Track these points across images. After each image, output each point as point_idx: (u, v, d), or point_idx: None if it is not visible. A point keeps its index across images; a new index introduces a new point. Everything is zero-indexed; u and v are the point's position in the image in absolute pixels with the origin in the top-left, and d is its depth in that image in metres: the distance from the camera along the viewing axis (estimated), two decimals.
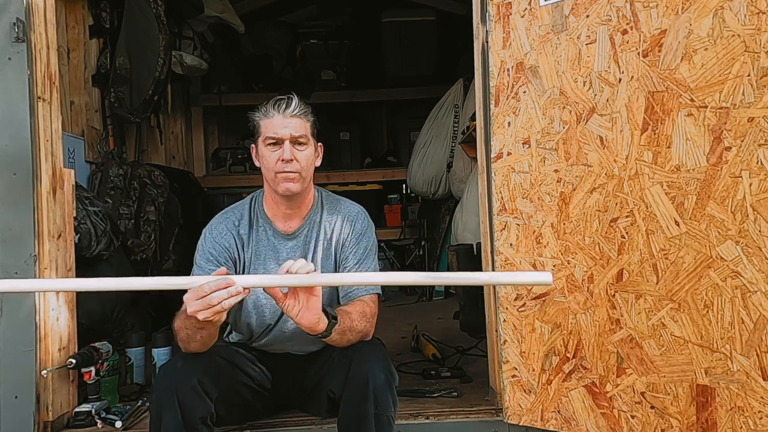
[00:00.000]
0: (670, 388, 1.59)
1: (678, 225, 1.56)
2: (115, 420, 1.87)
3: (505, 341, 1.84)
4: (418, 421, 1.85)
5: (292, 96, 1.65)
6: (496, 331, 1.88)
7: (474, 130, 2.40)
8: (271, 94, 1.77)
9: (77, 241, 2.16)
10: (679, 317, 1.57)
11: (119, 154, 3.34)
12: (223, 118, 5.18)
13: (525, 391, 1.81)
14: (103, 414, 1.91)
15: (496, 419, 1.86)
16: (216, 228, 1.71)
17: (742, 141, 1.47)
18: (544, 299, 1.77)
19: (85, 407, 1.92)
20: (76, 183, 2.13)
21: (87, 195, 2.44)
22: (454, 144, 4.13)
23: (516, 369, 1.82)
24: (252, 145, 1.72)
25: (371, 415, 1.46)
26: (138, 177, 3.12)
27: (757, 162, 1.45)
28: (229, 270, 1.67)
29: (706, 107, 1.51)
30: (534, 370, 1.79)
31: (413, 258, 4.78)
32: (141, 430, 1.87)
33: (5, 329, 1.84)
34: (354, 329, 1.55)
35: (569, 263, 1.73)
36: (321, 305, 1.42)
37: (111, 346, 2.07)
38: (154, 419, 1.48)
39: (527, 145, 1.79)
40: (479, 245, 2.10)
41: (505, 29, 1.82)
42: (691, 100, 1.53)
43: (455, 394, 2.04)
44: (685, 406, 1.57)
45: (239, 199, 1.82)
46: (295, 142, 1.63)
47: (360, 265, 1.69)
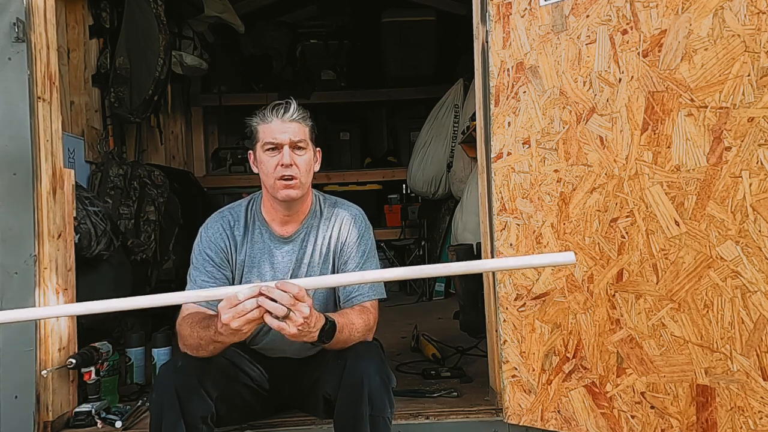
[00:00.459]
0: (670, 388, 1.59)
1: (678, 225, 1.56)
2: (115, 420, 1.87)
3: (505, 341, 1.84)
4: (418, 421, 1.85)
5: (290, 101, 1.64)
6: (496, 331, 1.88)
7: (474, 130, 2.40)
8: (271, 94, 1.77)
9: (77, 241, 2.16)
10: (679, 317, 1.57)
11: (119, 154, 3.34)
12: (223, 118, 5.17)
13: (525, 391, 1.81)
14: (103, 414, 1.91)
15: (496, 419, 1.86)
16: (211, 227, 1.70)
17: (742, 141, 1.47)
18: (544, 299, 1.77)
19: (85, 407, 1.92)
20: (76, 183, 2.13)
21: (87, 195, 2.44)
22: (454, 144, 4.13)
23: (516, 369, 1.82)
24: (250, 151, 1.71)
25: (366, 417, 1.46)
26: (138, 177, 3.12)
27: (757, 162, 1.45)
28: (225, 271, 1.67)
29: (706, 107, 1.51)
30: (534, 370, 1.79)
31: (413, 258, 4.79)
32: (141, 430, 1.87)
33: (5, 329, 1.84)
34: (351, 340, 1.55)
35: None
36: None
37: (111, 346, 2.08)
38: (154, 418, 1.48)
39: (527, 145, 1.79)
40: (479, 245, 2.10)
41: (505, 29, 1.82)
42: (691, 100, 1.53)
43: (455, 394, 2.04)
44: (685, 406, 1.57)
45: (239, 199, 1.81)
46: (295, 146, 1.62)
47: (360, 269, 1.68)
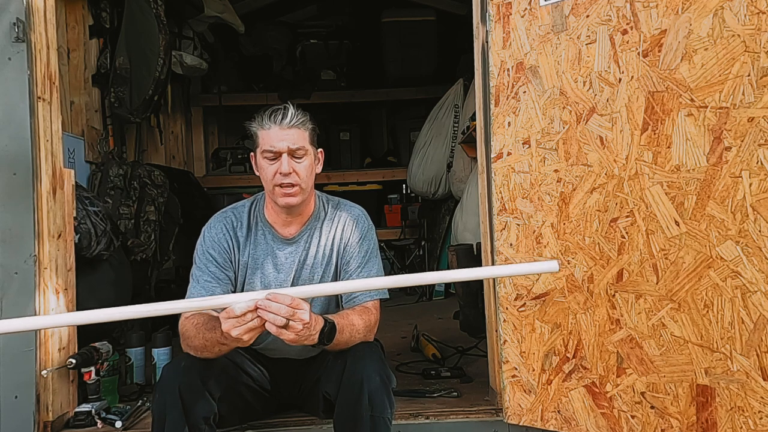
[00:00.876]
0: (670, 388, 1.59)
1: (678, 225, 1.56)
2: (115, 420, 1.87)
3: (505, 341, 1.84)
4: (418, 421, 1.85)
5: (288, 105, 1.61)
6: (496, 331, 1.88)
7: (474, 130, 2.40)
8: (271, 94, 1.76)
9: (77, 241, 2.16)
10: (679, 317, 1.57)
11: (119, 154, 3.34)
12: (223, 118, 5.18)
13: (525, 391, 1.81)
14: (103, 414, 1.91)
15: (496, 419, 1.86)
16: (215, 227, 1.70)
17: (742, 141, 1.47)
18: (544, 299, 1.77)
19: (85, 407, 1.92)
20: (76, 183, 2.13)
21: (87, 195, 2.44)
22: (454, 144, 4.13)
23: (516, 369, 1.82)
24: (251, 153, 1.71)
25: (367, 417, 1.46)
26: (138, 177, 3.12)
27: (757, 162, 1.45)
28: (228, 272, 1.67)
29: (706, 107, 1.51)
30: (534, 370, 1.79)
31: (413, 258, 4.78)
32: (141, 430, 1.87)
33: None
34: (353, 341, 1.55)
35: (569, 263, 1.73)
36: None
37: (111, 346, 2.07)
38: (157, 418, 1.48)
39: (527, 145, 1.79)
40: (479, 245, 2.10)
41: (505, 29, 1.82)
42: (691, 100, 1.53)
43: (455, 394, 2.04)
44: (685, 406, 1.57)
45: (239, 199, 1.81)
46: (293, 154, 1.60)
47: (362, 269, 1.69)
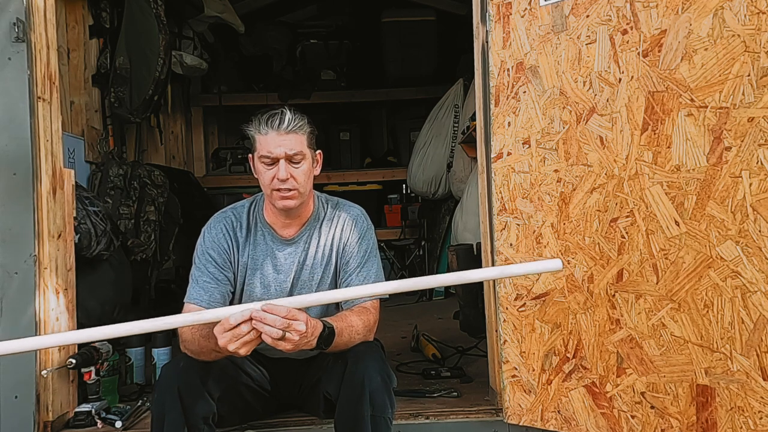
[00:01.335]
0: (670, 388, 1.59)
1: (678, 225, 1.56)
2: (115, 420, 1.87)
3: (505, 341, 1.84)
4: (418, 421, 1.85)
5: (284, 110, 1.59)
6: (496, 331, 1.88)
7: (474, 130, 2.40)
8: (271, 94, 1.75)
9: (77, 241, 2.16)
10: (679, 317, 1.57)
11: (119, 154, 3.34)
12: (223, 118, 5.17)
13: (525, 391, 1.81)
14: (103, 414, 1.91)
15: (496, 419, 1.86)
16: (214, 227, 1.70)
17: (742, 141, 1.47)
18: (544, 299, 1.77)
19: (85, 407, 1.92)
20: (76, 183, 2.13)
21: (87, 195, 2.44)
22: (454, 144, 4.13)
23: (516, 369, 1.82)
24: (250, 155, 1.70)
25: (367, 417, 1.46)
26: (138, 177, 3.12)
27: (757, 162, 1.45)
28: (227, 273, 1.67)
29: (706, 107, 1.51)
30: (534, 370, 1.79)
31: (413, 258, 4.78)
32: (141, 430, 1.87)
33: (5, 329, 1.84)
34: (352, 342, 1.55)
35: (569, 263, 1.73)
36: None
37: (111, 346, 2.07)
38: (156, 418, 1.48)
39: (527, 145, 1.79)
40: (479, 245, 2.10)
41: (505, 29, 1.82)
42: (691, 100, 1.53)
43: (455, 394, 2.04)
44: (685, 406, 1.57)
45: (239, 199, 1.81)
46: (291, 159, 1.59)
47: (362, 269, 1.69)
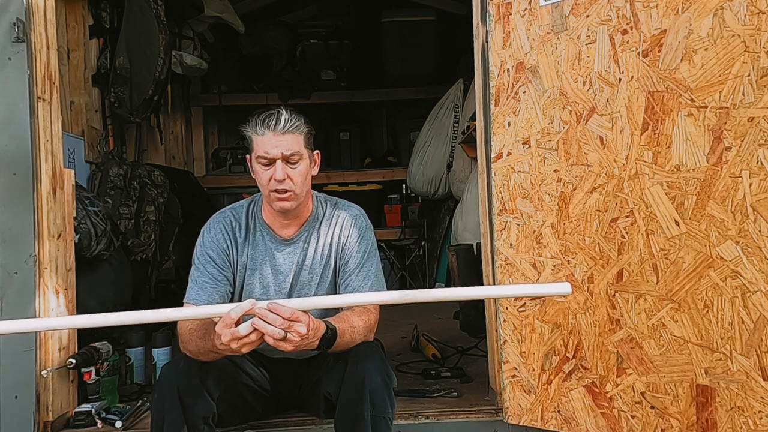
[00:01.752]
0: (670, 388, 1.59)
1: (678, 225, 1.56)
2: (115, 420, 1.87)
3: (505, 341, 1.84)
4: (418, 421, 1.85)
5: (281, 110, 1.59)
6: (496, 331, 1.88)
7: (474, 130, 2.40)
8: (271, 94, 1.75)
9: (77, 241, 2.16)
10: (679, 317, 1.57)
11: (119, 154, 3.34)
12: (223, 118, 5.17)
13: (525, 391, 1.81)
14: (103, 414, 1.91)
15: (496, 419, 1.86)
16: (213, 228, 1.70)
17: (742, 141, 1.47)
18: (544, 299, 1.77)
19: (85, 407, 1.91)
20: (76, 183, 2.13)
21: (87, 195, 2.44)
22: (454, 144, 4.13)
23: (516, 369, 1.82)
24: (247, 156, 1.69)
25: (368, 417, 1.46)
26: (138, 177, 3.12)
27: (757, 162, 1.45)
28: (226, 273, 1.67)
29: (706, 107, 1.51)
30: (534, 370, 1.79)
31: (413, 258, 4.78)
32: (141, 430, 1.87)
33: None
34: (353, 342, 1.55)
35: (569, 263, 1.73)
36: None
37: (111, 346, 2.07)
38: (155, 418, 1.48)
39: (527, 145, 1.79)
40: (479, 245, 2.10)
41: (505, 29, 1.82)
42: (691, 100, 1.53)
43: (455, 394, 2.04)
44: (685, 406, 1.57)
45: (239, 199, 1.80)
46: (288, 160, 1.58)
47: (361, 269, 1.69)
